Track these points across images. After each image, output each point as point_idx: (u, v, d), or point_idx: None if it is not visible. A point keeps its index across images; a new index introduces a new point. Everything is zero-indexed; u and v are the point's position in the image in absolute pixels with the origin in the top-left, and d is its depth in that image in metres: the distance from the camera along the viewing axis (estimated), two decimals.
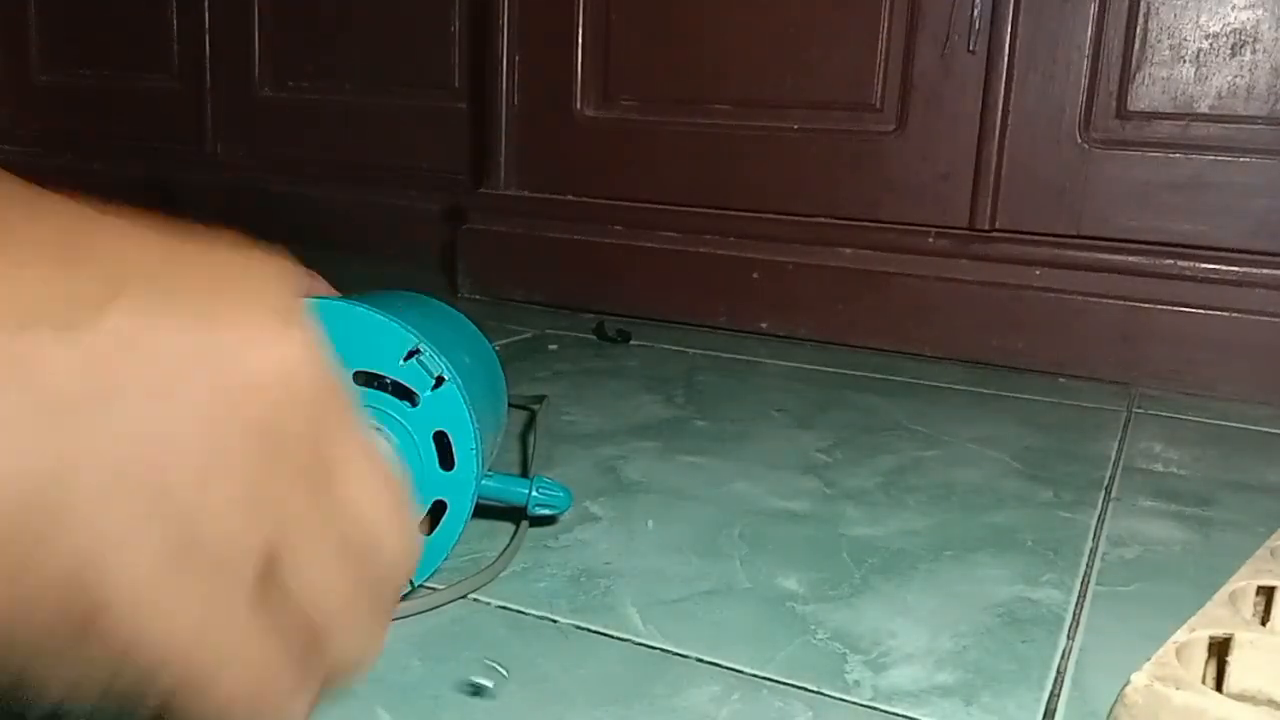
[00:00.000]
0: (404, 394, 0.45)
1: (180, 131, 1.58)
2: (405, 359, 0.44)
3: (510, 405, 0.83)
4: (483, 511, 0.59)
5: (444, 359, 0.45)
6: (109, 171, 1.62)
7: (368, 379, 0.45)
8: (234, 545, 0.22)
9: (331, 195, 1.46)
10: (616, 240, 1.18)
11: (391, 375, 0.45)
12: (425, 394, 0.45)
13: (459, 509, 0.46)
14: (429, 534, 0.46)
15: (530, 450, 0.71)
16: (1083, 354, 0.99)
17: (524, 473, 0.67)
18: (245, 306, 0.23)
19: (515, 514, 0.57)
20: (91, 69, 1.59)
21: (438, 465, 0.46)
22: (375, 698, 0.41)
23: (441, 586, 0.50)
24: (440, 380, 0.45)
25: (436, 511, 0.46)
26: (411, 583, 0.46)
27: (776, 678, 0.44)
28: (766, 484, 0.67)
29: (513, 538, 0.55)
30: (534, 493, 0.54)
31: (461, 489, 0.46)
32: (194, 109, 1.59)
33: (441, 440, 0.46)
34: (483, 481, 0.53)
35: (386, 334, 0.45)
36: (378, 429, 0.44)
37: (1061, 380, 0.98)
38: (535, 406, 0.80)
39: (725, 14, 1.11)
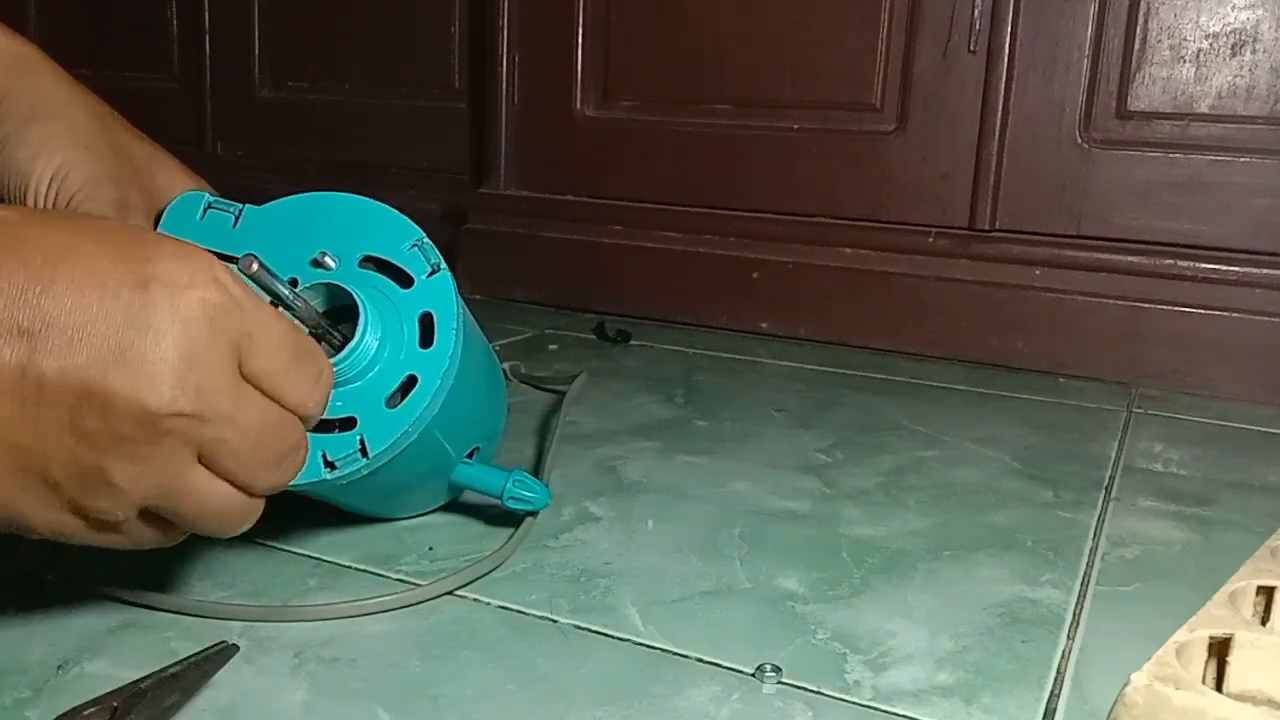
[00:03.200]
0: (401, 278, 0.49)
1: (180, 131, 1.58)
2: (410, 247, 0.49)
3: (542, 388, 0.85)
4: (481, 513, 0.59)
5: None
6: None
7: (370, 261, 0.49)
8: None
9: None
10: (616, 240, 1.18)
11: (396, 260, 0.49)
12: (421, 278, 0.49)
13: (428, 383, 0.47)
14: (395, 407, 0.47)
15: (552, 433, 0.71)
16: (1083, 354, 0.99)
17: (537, 466, 0.67)
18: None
19: (515, 517, 0.57)
20: (90, 69, 1.59)
21: (418, 344, 0.48)
22: (375, 698, 0.41)
23: (432, 582, 0.50)
24: (436, 269, 0.49)
25: (408, 386, 0.48)
26: (367, 452, 0.46)
27: (776, 677, 0.44)
28: (766, 484, 0.67)
29: (510, 538, 0.55)
30: (510, 485, 0.54)
31: (434, 365, 0.48)
32: (194, 109, 1.59)
33: (426, 321, 0.48)
34: (463, 467, 0.54)
35: (395, 224, 0.50)
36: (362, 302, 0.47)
37: (1061, 380, 0.98)
38: (563, 388, 0.82)
39: (725, 14, 1.11)
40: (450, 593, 0.50)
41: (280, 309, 0.45)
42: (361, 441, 0.46)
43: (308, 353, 0.40)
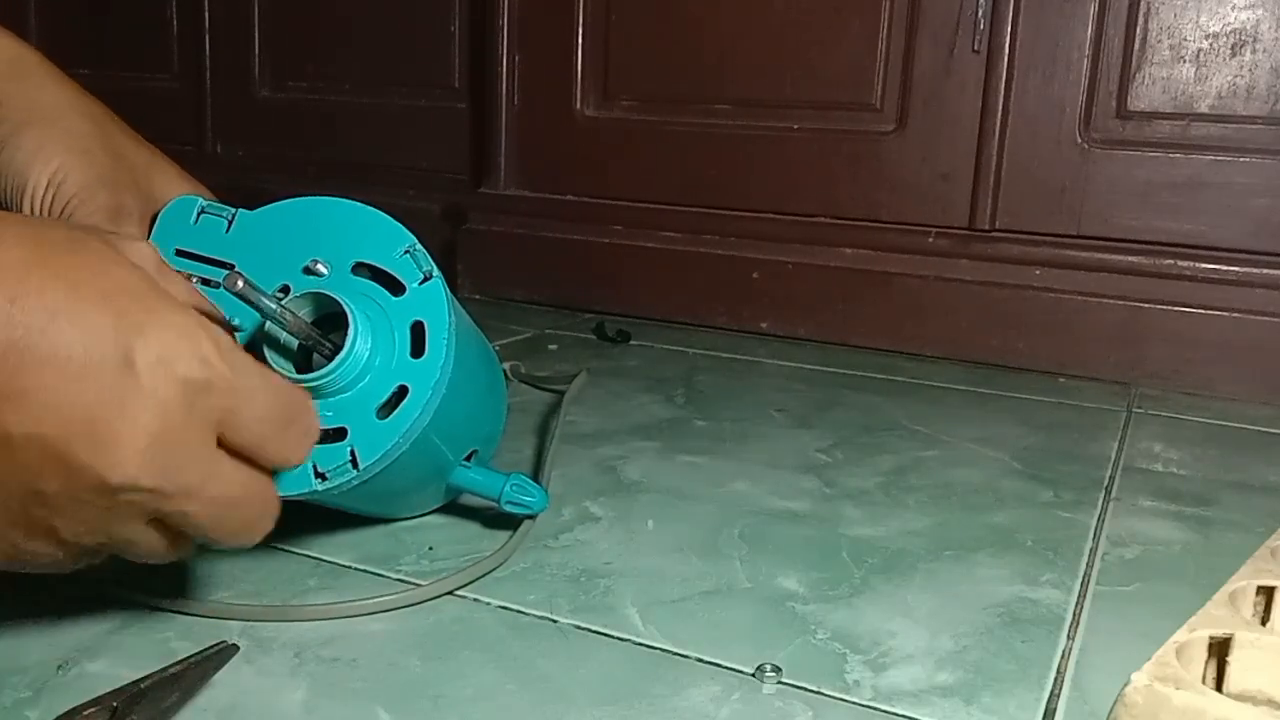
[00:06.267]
0: (393, 286, 0.49)
1: (180, 131, 1.58)
2: (402, 254, 0.49)
3: (542, 388, 0.85)
4: (481, 513, 0.59)
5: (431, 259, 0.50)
6: None
7: (362, 268, 0.49)
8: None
9: (333, 194, 1.46)
10: (616, 240, 1.18)
11: (387, 267, 0.48)
12: (413, 286, 0.48)
13: (419, 394, 0.47)
14: (386, 418, 0.47)
15: (552, 432, 0.71)
16: (1083, 354, 0.99)
17: (536, 466, 0.67)
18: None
19: (515, 517, 0.57)
20: (91, 68, 1.59)
21: (409, 354, 0.48)
22: (375, 698, 0.41)
23: (432, 582, 0.50)
24: (428, 276, 0.49)
25: (399, 396, 0.47)
26: (358, 463, 0.46)
27: (776, 677, 0.44)
28: (766, 484, 0.67)
29: (510, 538, 0.55)
30: (508, 489, 0.54)
31: (425, 375, 0.47)
32: (194, 109, 1.59)
33: (417, 330, 0.48)
34: (461, 471, 0.54)
35: (387, 230, 0.49)
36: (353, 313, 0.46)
37: (1061, 380, 0.98)
38: (563, 388, 0.81)
39: (725, 14, 1.11)
40: (450, 593, 0.50)
41: (269, 324, 0.45)
42: (352, 453, 0.46)
43: (295, 413, 0.39)
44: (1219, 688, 0.39)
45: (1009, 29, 0.99)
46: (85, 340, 0.33)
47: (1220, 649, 0.40)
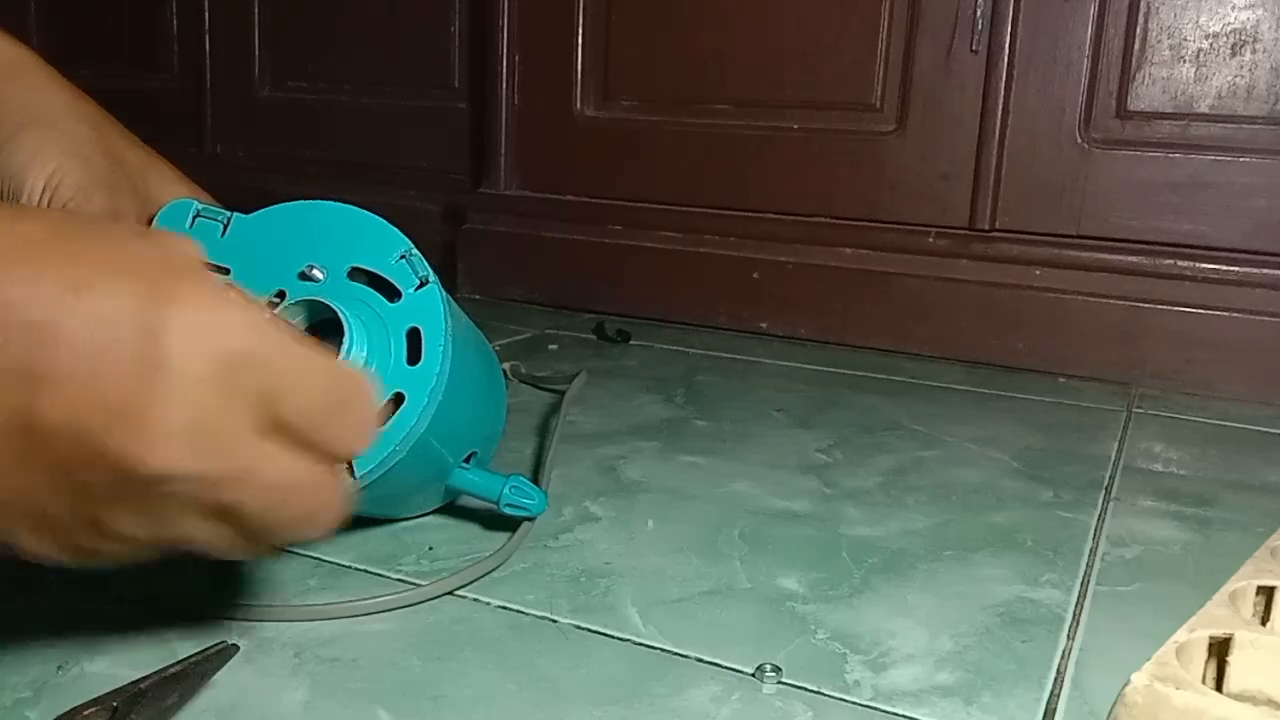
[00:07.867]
0: (389, 291, 0.48)
1: (180, 131, 1.58)
2: (398, 259, 0.48)
3: (542, 388, 0.85)
4: (481, 513, 0.59)
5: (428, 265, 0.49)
6: None
7: (358, 273, 0.49)
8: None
9: (331, 195, 1.46)
10: (616, 240, 1.18)
11: (383, 272, 0.48)
12: (409, 292, 0.48)
13: (415, 401, 0.47)
14: (383, 426, 0.46)
15: (552, 432, 0.71)
16: (1083, 354, 0.99)
17: (536, 468, 0.67)
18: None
19: (514, 518, 0.57)
20: (91, 68, 1.59)
21: (405, 360, 0.47)
22: (375, 698, 0.41)
23: (432, 582, 0.50)
24: (424, 282, 0.48)
25: (396, 404, 0.47)
26: (354, 471, 0.46)
27: (776, 677, 0.44)
28: (766, 484, 0.67)
29: (510, 538, 0.55)
30: (507, 491, 0.54)
31: (421, 383, 0.47)
32: (194, 109, 1.59)
33: (413, 337, 0.48)
34: (460, 473, 0.53)
35: (383, 235, 0.49)
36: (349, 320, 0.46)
37: (1061, 380, 0.98)
38: (563, 388, 0.81)
39: (725, 14, 1.11)
40: (450, 593, 0.50)
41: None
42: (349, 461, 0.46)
43: (350, 397, 0.36)
44: (1219, 688, 0.39)
45: (1008, 29, 0.99)
46: (111, 315, 0.30)
47: (1220, 649, 0.40)
